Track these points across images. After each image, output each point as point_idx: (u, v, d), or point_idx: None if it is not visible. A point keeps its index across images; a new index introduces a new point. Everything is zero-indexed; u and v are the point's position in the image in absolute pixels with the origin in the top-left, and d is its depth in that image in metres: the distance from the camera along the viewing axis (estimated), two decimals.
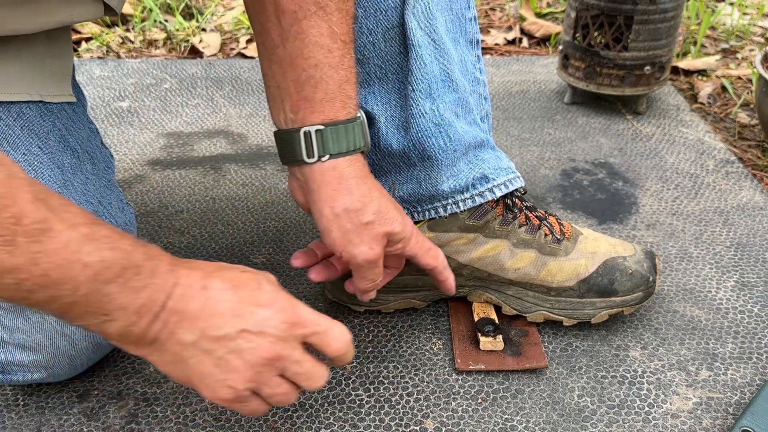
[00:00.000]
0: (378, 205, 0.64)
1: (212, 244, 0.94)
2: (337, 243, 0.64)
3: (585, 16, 1.24)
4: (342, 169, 0.63)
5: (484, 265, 0.76)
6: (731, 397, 0.71)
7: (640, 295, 0.77)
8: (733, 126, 1.28)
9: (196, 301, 0.53)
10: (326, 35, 0.60)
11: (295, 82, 0.61)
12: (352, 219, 0.63)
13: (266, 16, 0.60)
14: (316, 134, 0.62)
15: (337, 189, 0.63)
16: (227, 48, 1.64)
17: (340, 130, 0.62)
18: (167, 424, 0.68)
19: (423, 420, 0.68)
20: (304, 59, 0.60)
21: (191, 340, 0.53)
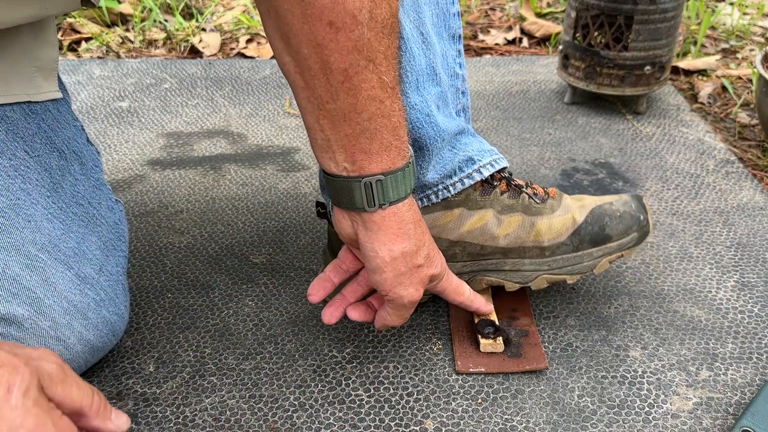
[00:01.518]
0: (428, 249, 0.66)
1: (212, 244, 0.94)
2: (388, 283, 0.65)
3: (585, 16, 1.24)
4: (402, 214, 0.63)
5: (474, 237, 0.76)
6: (731, 397, 0.71)
7: (635, 236, 0.77)
8: (733, 126, 1.28)
9: None
10: (377, 87, 0.58)
11: (350, 136, 0.59)
12: (407, 262, 0.64)
13: (311, 74, 0.57)
14: (377, 184, 0.61)
15: (398, 234, 0.63)
16: (227, 48, 1.63)
17: (399, 177, 0.61)
18: (167, 424, 0.68)
19: (423, 420, 0.68)
20: (357, 113, 0.58)
21: None
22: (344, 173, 0.61)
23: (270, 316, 0.82)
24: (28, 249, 0.65)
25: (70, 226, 0.69)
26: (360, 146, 0.60)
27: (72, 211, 0.70)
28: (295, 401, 0.70)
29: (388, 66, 0.58)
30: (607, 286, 0.86)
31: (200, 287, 0.86)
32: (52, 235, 0.67)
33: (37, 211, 0.67)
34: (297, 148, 1.18)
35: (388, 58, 0.58)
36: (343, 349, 0.77)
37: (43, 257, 0.65)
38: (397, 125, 0.60)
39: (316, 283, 0.72)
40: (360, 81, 0.57)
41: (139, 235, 0.96)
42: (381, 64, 0.57)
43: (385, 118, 0.59)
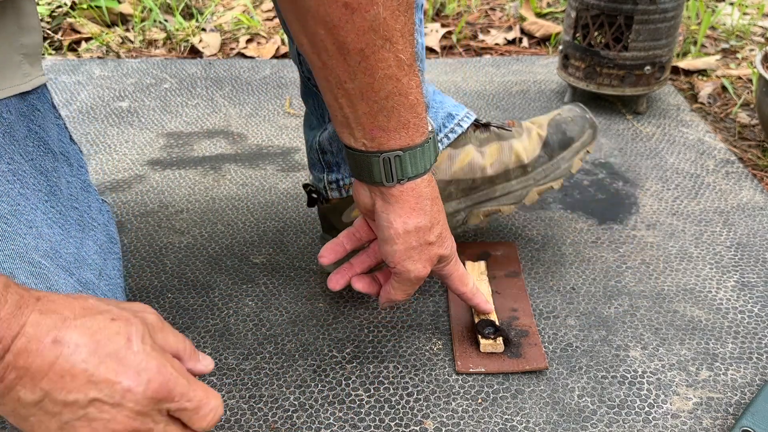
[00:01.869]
0: (441, 228, 0.66)
1: (212, 244, 0.94)
2: (397, 256, 0.65)
3: (585, 16, 1.24)
4: (421, 189, 0.64)
5: (465, 174, 0.82)
6: (731, 397, 0.71)
7: (590, 131, 0.88)
8: (734, 126, 1.28)
9: (44, 357, 0.44)
10: (394, 66, 0.58)
11: (368, 114, 0.60)
12: (419, 237, 0.65)
13: (328, 54, 0.57)
14: (395, 160, 0.61)
15: (414, 208, 0.64)
16: (227, 48, 1.63)
17: (417, 153, 0.62)
18: None
19: (423, 420, 0.68)
20: (374, 92, 0.58)
21: (32, 400, 0.44)
22: (363, 148, 0.62)
23: (270, 316, 0.82)
24: (32, 256, 0.64)
25: (68, 230, 0.69)
26: (378, 124, 0.60)
27: (69, 215, 0.70)
28: (295, 401, 0.70)
29: (404, 44, 0.57)
30: (607, 286, 0.86)
31: (200, 287, 0.86)
32: (53, 241, 0.67)
33: (37, 217, 0.66)
34: (297, 148, 1.18)
35: (405, 36, 0.57)
36: (343, 349, 0.77)
37: (46, 264, 0.65)
38: (415, 102, 0.60)
39: (329, 246, 0.72)
40: (376, 60, 0.56)
41: (139, 235, 0.96)
42: (397, 42, 0.57)
43: (402, 96, 0.59)
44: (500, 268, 0.88)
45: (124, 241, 0.94)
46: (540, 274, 0.88)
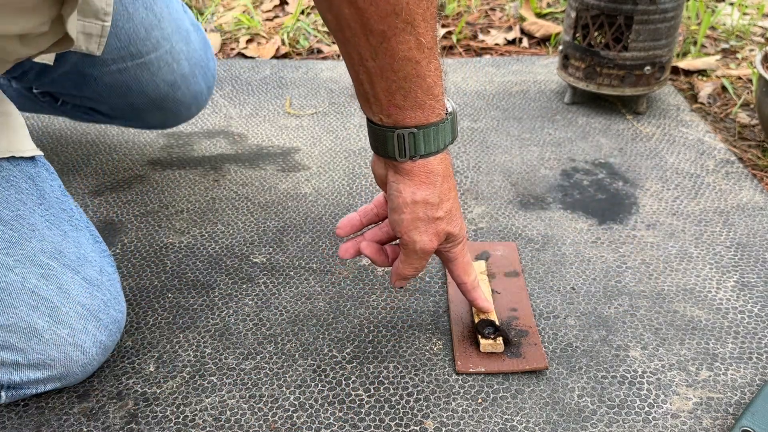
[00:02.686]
0: (451, 206, 0.68)
1: (212, 244, 0.94)
2: (404, 224, 0.67)
3: (585, 16, 1.24)
4: (432, 166, 0.66)
5: None
6: (731, 397, 0.71)
7: None
8: (733, 126, 1.28)
9: None
10: (414, 48, 0.59)
11: (386, 91, 0.62)
12: (426, 210, 0.66)
13: (352, 32, 0.59)
14: (409, 137, 0.63)
15: (424, 181, 0.66)
16: (227, 48, 1.63)
17: (431, 132, 0.64)
18: (167, 424, 0.68)
19: (423, 420, 0.68)
20: (393, 72, 0.60)
21: None
22: (380, 122, 0.64)
23: (270, 315, 0.82)
24: (40, 258, 0.66)
25: (65, 231, 0.70)
26: (394, 102, 0.62)
27: (61, 217, 0.71)
28: (295, 401, 0.71)
29: (426, 27, 0.59)
30: (607, 286, 0.86)
31: (200, 287, 0.86)
32: (55, 242, 0.69)
33: (36, 220, 0.68)
34: (297, 148, 1.18)
35: (427, 19, 0.59)
36: (343, 349, 0.77)
37: (54, 265, 0.67)
38: (432, 85, 0.62)
39: (345, 219, 0.75)
40: (397, 42, 0.58)
41: (139, 235, 0.96)
42: (419, 26, 0.58)
43: (420, 78, 0.61)
44: (500, 268, 0.88)
45: (124, 240, 0.94)
46: (540, 274, 0.88)
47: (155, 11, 0.92)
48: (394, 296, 0.85)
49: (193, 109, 1.04)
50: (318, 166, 1.12)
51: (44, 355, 0.65)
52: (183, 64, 0.97)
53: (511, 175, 1.10)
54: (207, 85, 1.03)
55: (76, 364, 0.67)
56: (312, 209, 1.01)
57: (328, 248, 0.93)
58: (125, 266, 0.90)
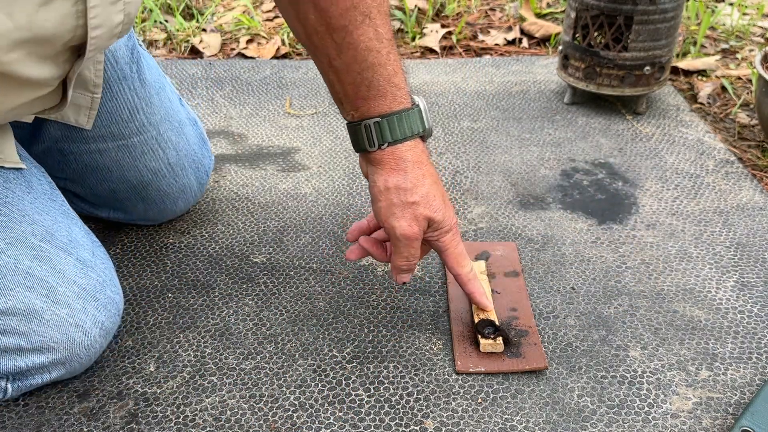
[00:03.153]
0: (426, 191, 0.70)
1: (212, 244, 0.94)
2: (382, 212, 0.71)
3: (585, 16, 1.24)
4: (401, 153, 0.69)
5: None
6: (731, 397, 0.71)
7: None
8: (733, 126, 1.28)
9: None
10: (373, 38, 0.66)
11: (352, 85, 0.68)
12: (400, 196, 0.69)
13: (319, 36, 0.67)
14: (375, 126, 0.69)
15: (395, 168, 0.70)
16: (227, 48, 1.64)
17: (394, 119, 0.69)
18: (167, 424, 0.68)
19: (423, 420, 0.68)
20: (357, 64, 0.67)
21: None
22: (351, 119, 0.71)
23: (270, 315, 0.82)
24: (31, 241, 0.67)
25: (56, 217, 0.72)
26: (360, 94, 0.68)
27: (51, 206, 0.72)
28: (295, 401, 0.71)
29: (382, 19, 0.67)
30: (607, 286, 0.86)
31: (200, 287, 0.86)
32: (45, 226, 0.70)
33: (25, 206, 0.69)
34: (297, 148, 1.18)
35: (382, 13, 0.67)
36: (343, 349, 0.77)
37: (46, 246, 0.68)
38: (392, 73, 0.68)
39: (355, 225, 0.79)
40: (359, 34, 0.65)
41: (140, 235, 0.96)
42: (375, 17, 0.66)
43: (381, 66, 0.67)
44: (500, 268, 0.88)
45: (125, 240, 0.94)
46: (540, 274, 0.88)
47: (142, 95, 0.87)
48: (394, 296, 0.85)
49: (180, 203, 0.95)
50: (318, 166, 1.12)
51: (46, 337, 0.65)
52: (170, 153, 0.91)
53: (511, 175, 1.10)
54: (198, 181, 0.96)
55: (79, 346, 0.67)
56: (312, 209, 1.01)
57: (328, 248, 0.93)
58: (125, 266, 0.90)
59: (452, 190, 1.06)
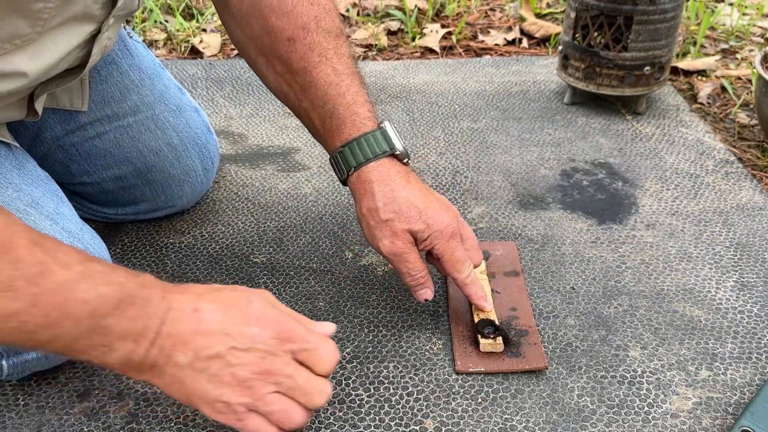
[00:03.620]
0: (398, 205, 0.71)
1: (212, 244, 0.94)
2: (368, 238, 0.74)
3: (585, 16, 1.24)
4: (366, 175, 0.72)
5: None
6: (731, 396, 0.71)
7: None
8: (733, 126, 1.28)
9: (188, 323, 0.56)
10: (331, 74, 0.73)
11: (319, 119, 0.74)
12: (374, 217, 0.71)
13: (286, 81, 0.75)
14: (340, 155, 0.73)
15: (363, 193, 0.72)
16: (227, 48, 1.64)
17: (355, 144, 0.72)
18: (167, 424, 0.68)
19: (423, 420, 0.68)
20: (319, 99, 0.73)
21: (186, 361, 0.55)
22: (330, 155, 0.75)
23: None
24: (17, 205, 0.67)
25: (45, 193, 0.72)
26: (326, 127, 0.74)
27: (39, 182, 0.73)
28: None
29: (339, 59, 0.73)
30: (607, 286, 0.86)
31: None
32: (33, 196, 0.70)
33: (13, 177, 0.70)
34: (297, 148, 1.18)
35: (339, 54, 0.74)
36: (343, 349, 0.77)
37: (32, 212, 0.68)
38: (351, 102, 0.73)
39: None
40: (317, 72, 0.73)
41: (140, 235, 0.96)
42: (332, 57, 0.73)
43: (340, 96, 0.72)
44: (500, 268, 0.88)
45: (125, 240, 0.94)
46: (540, 274, 0.88)
47: (132, 77, 0.89)
48: (394, 296, 0.85)
49: (186, 188, 0.95)
50: (318, 166, 1.12)
51: None
52: (170, 134, 0.92)
53: (510, 175, 1.10)
54: (203, 165, 0.96)
55: None
56: (312, 209, 1.01)
57: (328, 248, 0.93)
58: (125, 266, 0.90)
59: (452, 190, 1.06)
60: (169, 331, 0.55)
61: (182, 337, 0.55)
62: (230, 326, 0.56)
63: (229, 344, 0.56)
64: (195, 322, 0.56)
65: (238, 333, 0.56)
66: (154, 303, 0.55)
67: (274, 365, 0.57)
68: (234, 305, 0.58)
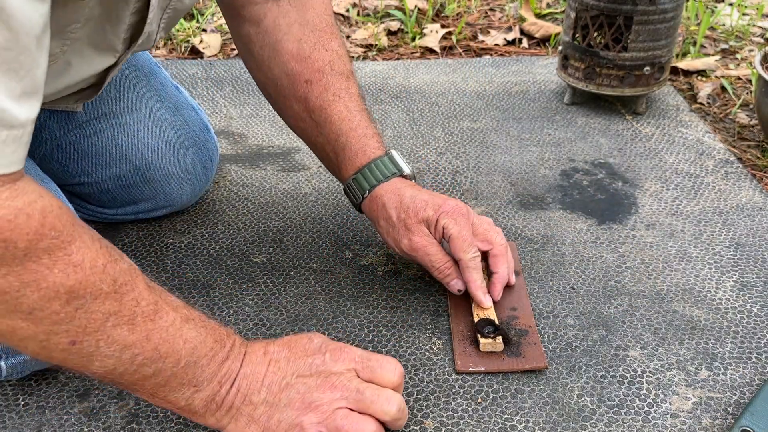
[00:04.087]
0: (407, 204, 0.78)
1: (213, 244, 0.94)
2: (392, 247, 0.80)
3: (584, 16, 1.24)
4: (377, 194, 0.80)
5: None
6: (731, 396, 0.71)
7: None
8: (733, 126, 1.28)
9: (261, 364, 0.61)
10: (344, 111, 0.81)
11: (333, 152, 0.82)
12: (390, 224, 0.79)
13: (303, 121, 0.83)
14: (353, 182, 0.81)
15: (377, 209, 0.80)
16: (227, 48, 1.64)
17: (366, 170, 0.80)
18: (167, 423, 0.68)
19: (423, 420, 0.68)
20: (334, 133, 0.81)
21: (260, 399, 0.60)
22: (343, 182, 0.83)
23: (270, 315, 0.82)
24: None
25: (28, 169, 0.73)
26: (340, 158, 0.82)
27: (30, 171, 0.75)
28: None
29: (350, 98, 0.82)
30: (606, 286, 0.86)
31: (200, 287, 0.86)
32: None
33: None
34: (297, 148, 1.18)
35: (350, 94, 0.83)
36: None
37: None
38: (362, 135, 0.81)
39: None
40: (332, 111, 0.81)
41: (140, 235, 0.96)
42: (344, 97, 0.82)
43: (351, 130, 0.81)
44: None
45: (125, 240, 0.95)
46: (540, 274, 0.88)
47: (128, 76, 0.90)
48: (394, 296, 0.85)
49: (185, 186, 0.95)
50: (318, 166, 1.12)
51: None
52: (167, 131, 0.93)
53: (510, 175, 1.10)
54: (202, 163, 0.97)
55: None
56: (312, 209, 1.01)
57: (328, 248, 0.93)
58: None
59: (452, 190, 1.06)
60: (246, 371, 0.60)
61: (257, 376, 0.60)
62: (295, 359, 0.62)
63: (296, 373, 0.61)
64: (266, 363, 0.61)
65: (302, 363, 0.62)
66: (237, 347, 0.61)
67: (339, 382, 0.61)
68: (297, 343, 0.63)
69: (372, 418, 0.61)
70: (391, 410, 0.61)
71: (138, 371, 0.56)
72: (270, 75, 0.84)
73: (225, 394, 0.59)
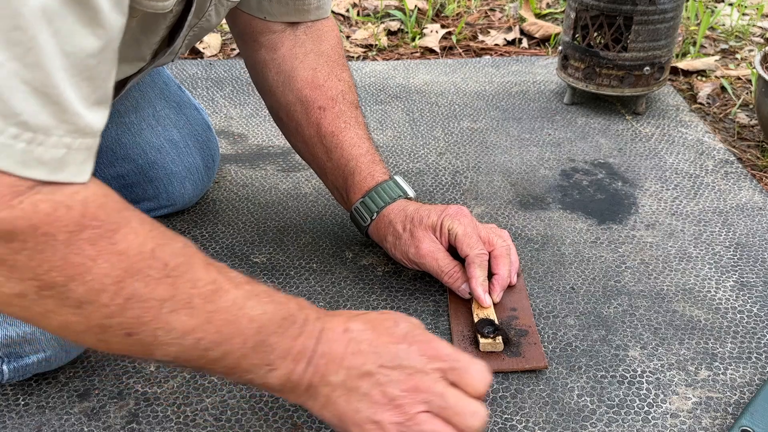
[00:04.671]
0: (411, 215, 0.80)
1: (213, 244, 0.94)
2: (400, 258, 0.81)
3: (584, 16, 1.24)
4: (386, 215, 0.82)
5: None
6: (730, 396, 0.71)
7: None
8: (733, 126, 1.28)
9: (340, 343, 0.57)
10: (354, 138, 0.84)
11: (342, 178, 0.84)
12: (396, 236, 0.80)
13: (313, 144, 0.85)
14: (361, 206, 0.83)
15: (385, 227, 0.82)
16: (228, 48, 1.64)
17: (373, 193, 0.82)
18: (168, 423, 0.68)
19: None
20: (344, 159, 0.83)
21: (338, 381, 0.56)
22: (349, 207, 0.85)
23: None
24: None
25: None
26: (348, 183, 0.84)
27: None
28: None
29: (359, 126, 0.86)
30: (606, 286, 0.86)
31: None
32: None
33: None
34: None
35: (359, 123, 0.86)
36: None
37: None
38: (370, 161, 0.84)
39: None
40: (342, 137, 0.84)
41: None
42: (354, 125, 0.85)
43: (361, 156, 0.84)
44: None
45: None
46: (540, 274, 0.88)
47: None
48: (394, 296, 0.85)
49: (188, 185, 0.96)
50: None
51: None
52: (171, 131, 0.94)
53: (510, 175, 1.10)
54: (205, 162, 0.98)
55: None
56: (312, 209, 1.01)
57: (328, 248, 0.93)
58: None
59: (452, 190, 1.06)
60: (323, 350, 0.56)
61: (335, 357, 0.56)
62: (378, 344, 0.58)
63: (378, 362, 0.57)
64: (346, 342, 0.57)
65: (386, 351, 0.57)
66: (311, 323, 0.57)
67: (423, 382, 0.57)
68: (381, 325, 0.59)
69: (453, 429, 0.56)
70: (474, 426, 0.56)
71: (204, 356, 0.53)
72: (283, 100, 0.86)
73: (302, 372, 0.56)
